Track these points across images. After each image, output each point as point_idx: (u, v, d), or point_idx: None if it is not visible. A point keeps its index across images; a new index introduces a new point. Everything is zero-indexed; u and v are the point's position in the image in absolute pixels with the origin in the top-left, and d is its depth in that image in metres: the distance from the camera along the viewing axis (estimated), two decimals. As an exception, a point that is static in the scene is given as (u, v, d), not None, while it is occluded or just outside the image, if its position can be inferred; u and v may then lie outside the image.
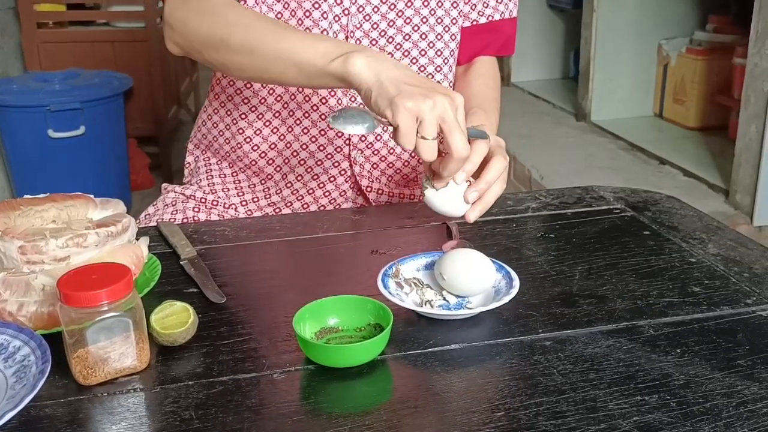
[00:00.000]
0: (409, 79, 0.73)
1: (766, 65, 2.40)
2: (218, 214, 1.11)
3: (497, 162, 0.79)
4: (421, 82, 0.73)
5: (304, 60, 0.79)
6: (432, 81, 0.74)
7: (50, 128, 2.57)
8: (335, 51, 0.77)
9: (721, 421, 0.59)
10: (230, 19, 0.86)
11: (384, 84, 0.72)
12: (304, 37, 0.82)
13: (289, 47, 0.80)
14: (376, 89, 0.72)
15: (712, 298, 0.78)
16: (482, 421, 0.59)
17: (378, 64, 0.73)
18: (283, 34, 0.82)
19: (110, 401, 0.62)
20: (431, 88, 0.72)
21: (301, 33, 0.83)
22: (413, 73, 0.74)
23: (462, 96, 0.73)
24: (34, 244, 0.71)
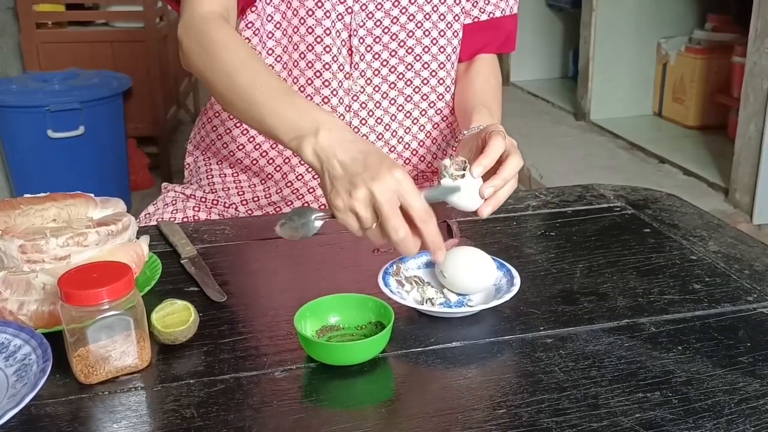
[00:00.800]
0: (351, 165, 0.71)
1: (765, 64, 2.40)
2: (218, 213, 1.11)
3: (513, 160, 0.79)
4: (360, 167, 0.71)
5: (270, 130, 0.80)
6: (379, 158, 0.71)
7: (49, 128, 2.57)
8: (294, 130, 0.76)
9: (723, 418, 0.59)
10: (219, 64, 0.87)
11: (324, 176, 0.73)
12: (275, 102, 0.80)
13: (260, 112, 0.81)
14: (321, 179, 0.74)
15: (713, 295, 0.78)
16: (484, 419, 0.59)
17: (325, 150, 0.73)
18: (256, 96, 0.81)
19: (111, 400, 0.62)
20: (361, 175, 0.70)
21: (274, 95, 0.81)
22: (360, 154, 0.72)
23: (400, 172, 0.69)
24: (35, 243, 0.71)
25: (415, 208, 0.69)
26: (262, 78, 0.83)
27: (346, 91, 1.05)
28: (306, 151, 0.75)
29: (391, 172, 0.69)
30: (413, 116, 1.10)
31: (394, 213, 0.68)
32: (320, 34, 1.01)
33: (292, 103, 0.79)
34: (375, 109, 1.07)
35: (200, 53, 0.90)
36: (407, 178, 0.69)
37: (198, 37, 0.91)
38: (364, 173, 0.70)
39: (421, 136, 1.12)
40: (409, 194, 0.69)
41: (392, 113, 1.09)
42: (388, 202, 0.68)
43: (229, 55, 0.87)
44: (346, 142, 0.74)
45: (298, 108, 0.78)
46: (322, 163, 0.73)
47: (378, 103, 1.07)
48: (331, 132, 0.74)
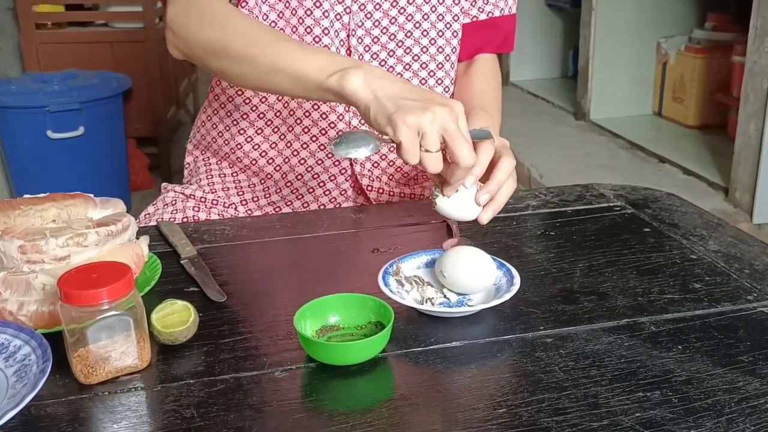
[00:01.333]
0: (406, 93, 0.72)
1: (765, 63, 2.40)
2: (218, 213, 1.11)
3: (505, 162, 0.79)
4: (418, 94, 0.72)
5: (301, 74, 0.78)
6: (430, 92, 0.74)
7: (49, 129, 2.57)
8: (333, 66, 0.76)
9: (723, 417, 0.59)
10: (231, 27, 0.85)
11: (381, 101, 0.71)
12: (303, 49, 0.81)
13: (287, 59, 0.79)
14: (374, 106, 0.72)
15: (713, 294, 0.78)
16: (484, 418, 0.59)
17: (375, 81, 0.73)
18: (281, 46, 0.81)
19: (111, 400, 0.62)
20: (429, 100, 0.71)
21: (300, 45, 0.82)
22: (411, 87, 0.74)
23: (461, 104, 0.72)
24: (34, 243, 0.71)
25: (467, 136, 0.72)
26: (283, 34, 0.84)
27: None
28: (353, 81, 0.73)
29: (458, 103, 0.71)
30: (413, 116, 1.10)
31: (466, 139, 0.70)
32: (318, 34, 1.01)
33: (322, 50, 0.81)
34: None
35: (204, 24, 0.87)
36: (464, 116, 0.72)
37: (199, 12, 0.88)
38: (434, 99, 0.71)
39: (420, 135, 1.12)
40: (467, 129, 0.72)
41: (392, 113, 1.08)
42: (457, 129, 0.70)
43: (241, 19, 0.87)
44: (395, 78, 0.74)
45: (330, 53, 0.79)
46: (375, 92, 0.72)
47: (377, 103, 1.07)
48: (376, 69, 0.75)
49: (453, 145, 0.70)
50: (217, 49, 0.87)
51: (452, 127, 0.70)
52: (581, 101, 3.60)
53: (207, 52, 0.88)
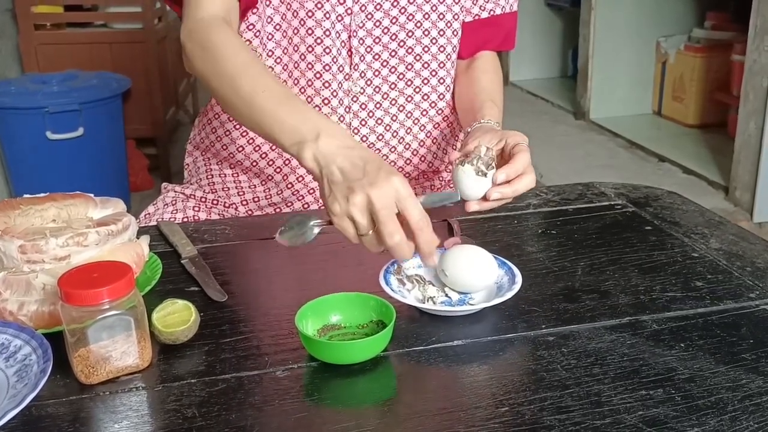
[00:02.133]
0: (350, 170, 0.71)
1: (764, 61, 2.40)
2: (218, 213, 1.11)
3: (528, 179, 0.82)
4: (358, 173, 0.71)
5: (271, 135, 0.80)
6: (377, 164, 0.72)
7: (48, 130, 2.56)
8: (296, 134, 0.77)
9: (726, 415, 0.59)
10: (222, 68, 0.87)
11: (323, 181, 0.73)
12: (277, 106, 0.80)
13: (262, 117, 0.81)
14: (320, 184, 0.74)
15: (715, 292, 0.78)
16: (486, 417, 0.58)
17: (324, 156, 0.73)
18: (259, 102, 0.82)
19: (112, 400, 0.62)
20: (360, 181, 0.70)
21: (276, 100, 0.81)
22: (359, 161, 0.72)
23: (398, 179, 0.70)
24: (35, 243, 0.70)
25: (412, 214, 0.69)
26: (265, 82, 0.83)
27: (346, 93, 1.05)
28: (306, 156, 0.75)
29: (389, 179, 0.69)
30: (414, 116, 1.10)
31: (391, 218, 0.69)
32: (320, 36, 1.01)
33: (293, 108, 0.80)
34: (375, 110, 1.07)
35: (203, 57, 0.90)
36: (405, 184, 0.70)
37: (201, 41, 0.91)
38: (362, 179, 0.70)
39: (421, 136, 1.12)
40: (407, 200, 0.69)
41: (393, 114, 1.08)
42: (385, 207, 0.68)
43: (231, 58, 0.87)
44: (347, 149, 0.74)
45: (299, 113, 0.79)
46: (321, 169, 0.73)
47: (378, 104, 1.07)
48: (331, 138, 0.75)
49: (378, 226, 0.69)
50: (208, 83, 0.90)
51: (379, 207, 0.68)
52: (581, 101, 3.60)
53: (205, 83, 0.91)
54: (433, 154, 1.14)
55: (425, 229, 0.70)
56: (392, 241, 0.69)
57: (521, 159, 0.81)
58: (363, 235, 0.71)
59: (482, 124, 0.93)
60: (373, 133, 1.08)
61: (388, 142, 1.09)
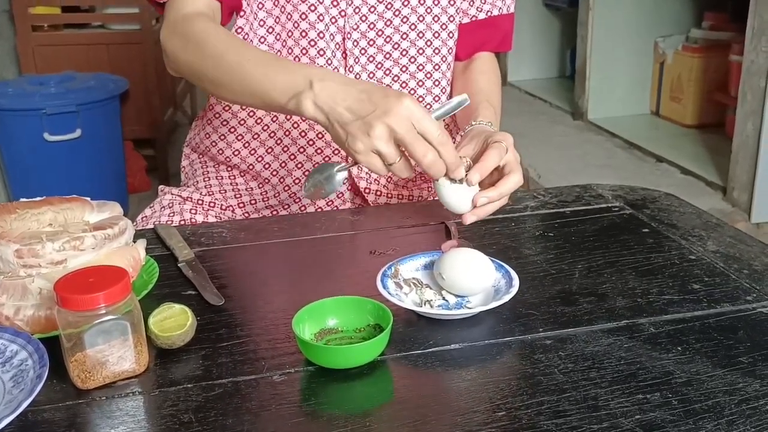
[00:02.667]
0: (357, 106, 0.72)
1: (762, 62, 2.40)
2: (215, 215, 1.10)
3: (514, 178, 0.81)
4: (367, 106, 0.72)
5: (266, 98, 0.81)
6: (381, 94, 0.72)
7: (46, 131, 2.56)
8: (289, 89, 0.77)
9: (723, 419, 0.59)
10: (206, 49, 0.87)
11: (334, 126, 0.73)
12: (266, 69, 0.81)
13: (253, 84, 0.81)
14: (331, 131, 0.75)
15: (712, 295, 0.78)
16: (483, 421, 0.58)
17: (326, 101, 0.74)
18: (248, 69, 0.82)
19: (109, 405, 0.61)
20: (373, 113, 0.71)
21: (263, 64, 0.82)
22: (362, 94, 0.73)
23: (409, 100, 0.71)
24: (31, 247, 0.70)
25: (432, 131, 0.71)
26: (250, 52, 0.84)
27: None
28: (306, 107, 0.75)
29: (401, 102, 0.71)
30: (410, 118, 1.10)
31: (417, 139, 0.70)
32: (314, 38, 1.01)
33: (281, 66, 0.80)
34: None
35: (186, 46, 0.90)
36: (417, 103, 0.71)
37: (182, 33, 0.91)
38: (375, 111, 0.71)
39: (418, 137, 1.11)
40: (424, 119, 0.71)
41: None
42: (409, 131, 0.70)
43: (214, 39, 0.88)
44: (344, 86, 0.74)
45: (287, 69, 0.79)
46: (327, 115, 0.73)
47: (374, 105, 1.07)
48: (324, 81, 0.75)
49: (407, 150, 0.72)
50: (196, 72, 0.90)
51: (401, 133, 0.70)
52: (579, 101, 3.60)
53: (190, 75, 0.92)
54: (431, 156, 1.14)
55: (447, 143, 0.72)
56: (428, 159, 0.71)
57: (491, 156, 0.80)
58: (392, 164, 0.72)
59: (474, 127, 0.93)
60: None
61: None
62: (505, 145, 0.82)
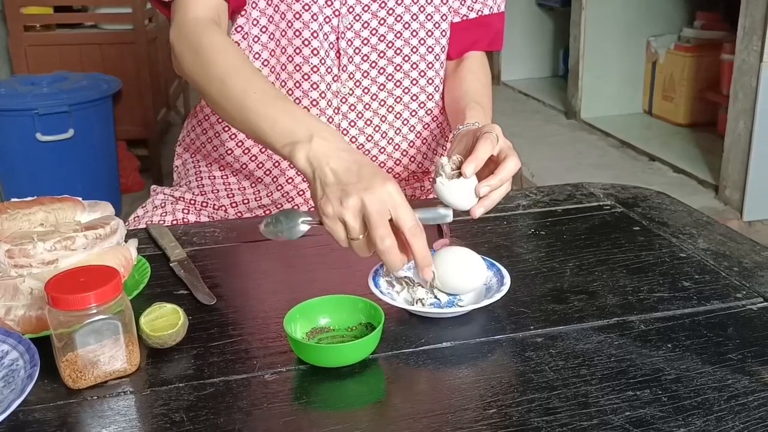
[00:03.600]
0: (343, 174, 0.71)
1: (753, 61, 2.41)
2: (208, 215, 1.10)
3: (511, 162, 0.81)
4: (353, 176, 0.71)
5: (262, 136, 0.80)
6: (371, 169, 0.72)
7: (38, 131, 2.55)
8: (289, 135, 0.76)
9: (713, 415, 0.59)
10: (212, 69, 0.87)
11: (315, 183, 0.73)
12: (268, 109, 0.80)
13: (252, 119, 0.81)
14: (312, 186, 0.74)
15: (702, 292, 0.79)
16: (474, 419, 0.59)
17: (317, 157, 0.73)
18: (250, 103, 0.81)
19: (100, 405, 0.61)
20: (355, 185, 0.70)
21: (267, 102, 0.81)
22: (352, 164, 0.72)
23: (392, 185, 0.70)
24: (22, 247, 0.70)
25: (406, 221, 0.69)
26: (256, 84, 0.83)
27: (334, 94, 1.05)
28: (299, 157, 0.74)
29: (385, 184, 0.69)
30: (403, 117, 1.10)
31: (383, 223, 0.68)
32: (308, 37, 1.01)
33: (285, 109, 0.79)
34: (364, 111, 1.07)
35: (193, 59, 0.89)
36: (400, 192, 0.70)
37: (190, 43, 0.91)
38: (357, 183, 0.70)
39: (411, 136, 1.12)
40: (401, 208, 0.69)
41: (382, 115, 1.08)
42: (379, 212, 0.68)
43: (222, 60, 0.87)
44: (341, 152, 0.74)
45: (291, 115, 0.78)
46: (314, 170, 0.73)
47: (367, 105, 1.07)
48: (325, 140, 0.75)
49: (370, 231, 0.69)
50: (198, 86, 0.89)
51: (371, 211, 0.68)
52: (572, 100, 3.61)
53: (194, 84, 0.91)
54: (423, 155, 1.14)
55: (419, 237, 0.69)
56: (383, 245, 0.68)
57: (482, 146, 0.80)
58: (353, 239, 0.70)
59: (461, 130, 0.93)
60: (362, 135, 1.08)
61: (377, 143, 1.10)
62: (495, 133, 0.82)
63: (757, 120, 2.42)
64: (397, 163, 1.12)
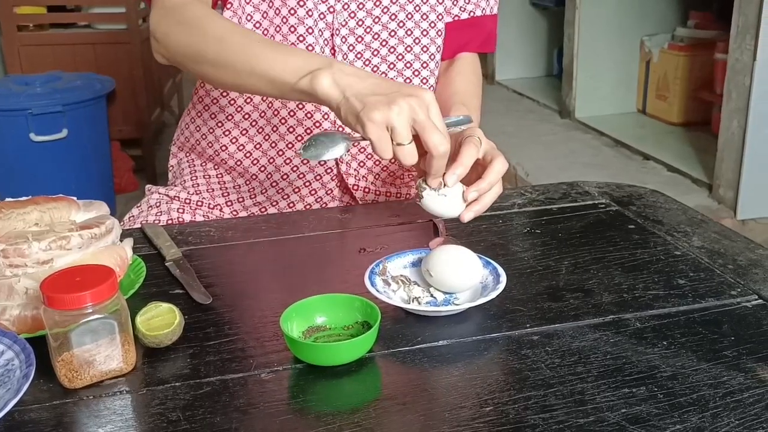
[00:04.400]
0: (375, 88, 0.72)
1: (747, 60, 2.42)
2: (203, 214, 1.10)
3: (498, 163, 0.80)
4: (388, 88, 0.72)
5: (275, 77, 0.79)
6: (400, 84, 0.73)
7: (32, 132, 2.54)
8: (304, 68, 0.76)
9: (708, 412, 0.59)
10: (208, 31, 0.86)
11: (350, 100, 0.72)
12: (276, 51, 0.81)
13: (261, 63, 0.80)
14: (343, 106, 0.73)
15: (697, 290, 0.79)
16: (471, 417, 0.59)
17: (343, 79, 0.73)
18: (255, 49, 0.81)
19: (96, 404, 0.61)
20: (397, 92, 0.71)
21: (274, 46, 0.82)
22: (381, 81, 0.73)
23: (431, 92, 0.72)
24: (17, 247, 0.70)
25: (443, 128, 0.71)
26: (256, 36, 0.84)
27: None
28: (322, 83, 0.73)
29: (426, 91, 0.71)
30: (398, 116, 1.10)
31: (437, 126, 0.69)
32: (302, 33, 1.01)
33: (293, 51, 0.80)
34: (359, 108, 1.07)
35: (183, 30, 0.88)
36: (436, 101, 0.72)
37: (178, 18, 0.89)
38: (399, 90, 0.70)
39: (406, 135, 1.12)
40: (439, 117, 0.71)
41: (376, 112, 1.08)
42: (429, 117, 0.69)
43: (215, 24, 0.87)
44: (367, 75, 0.74)
45: (302, 53, 0.79)
46: (343, 91, 0.72)
47: (362, 103, 1.07)
48: (345, 67, 0.75)
49: (423, 134, 0.70)
50: (195, 54, 0.87)
51: (421, 117, 0.70)
52: (566, 99, 3.62)
53: (186, 57, 0.89)
54: (418, 154, 1.14)
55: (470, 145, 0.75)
56: (443, 148, 0.70)
57: (466, 152, 0.78)
58: (402, 144, 0.70)
59: None
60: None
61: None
62: (477, 137, 0.81)
63: (750, 119, 2.42)
64: (392, 161, 1.12)
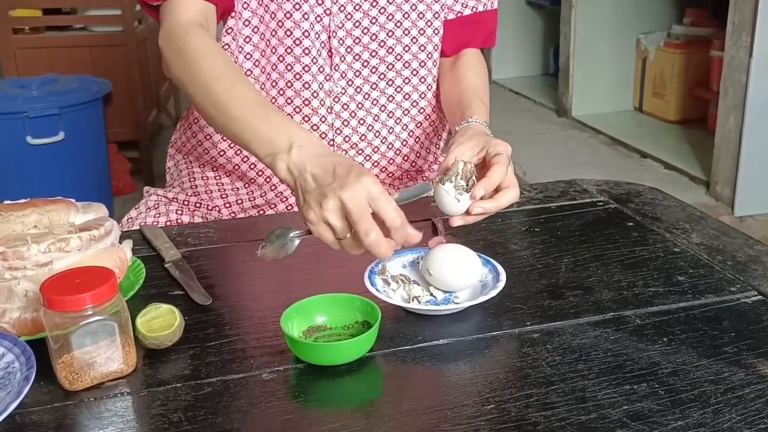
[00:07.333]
0: (322, 176, 0.71)
1: (743, 57, 2.42)
2: (202, 216, 1.10)
3: (511, 193, 0.80)
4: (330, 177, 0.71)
5: (245, 144, 0.81)
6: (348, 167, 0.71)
7: (29, 135, 2.53)
8: (269, 146, 0.77)
9: (710, 408, 0.59)
10: (197, 75, 0.88)
11: (298, 191, 0.74)
12: (251, 117, 0.81)
13: (235, 126, 0.82)
14: (295, 195, 0.75)
15: (696, 286, 0.79)
16: (473, 415, 0.59)
17: (297, 166, 0.74)
18: (232, 110, 0.83)
19: (97, 406, 0.61)
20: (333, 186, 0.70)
21: (248, 110, 0.82)
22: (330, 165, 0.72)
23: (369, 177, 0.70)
24: (16, 249, 0.70)
25: (387, 212, 0.69)
26: (239, 90, 0.84)
27: (327, 93, 1.05)
28: (280, 167, 0.76)
29: (360, 179, 0.69)
30: (396, 116, 1.10)
31: (364, 217, 0.68)
32: (299, 37, 1.01)
33: (266, 118, 0.80)
34: (357, 110, 1.07)
35: (180, 63, 0.91)
36: (376, 184, 0.70)
37: (177, 47, 0.92)
38: (333, 183, 0.70)
39: (404, 135, 1.12)
40: (379, 199, 0.69)
41: (375, 114, 1.08)
42: (358, 207, 0.68)
43: (207, 65, 0.88)
44: (317, 157, 0.74)
45: (272, 124, 0.79)
46: (295, 180, 0.74)
47: (360, 104, 1.07)
48: (303, 148, 0.75)
49: (354, 227, 0.69)
50: (185, 90, 0.90)
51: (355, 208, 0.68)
52: (563, 98, 3.62)
53: (181, 89, 0.92)
54: (416, 153, 1.15)
55: (401, 226, 0.70)
56: (369, 239, 0.69)
57: (497, 171, 0.79)
58: (341, 239, 0.71)
59: (470, 124, 0.92)
60: (355, 134, 1.08)
61: (371, 142, 1.10)
62: (507, 156, 0.81)
63: (747, 116, 2.43)
64: (391, 161, 1.12)
